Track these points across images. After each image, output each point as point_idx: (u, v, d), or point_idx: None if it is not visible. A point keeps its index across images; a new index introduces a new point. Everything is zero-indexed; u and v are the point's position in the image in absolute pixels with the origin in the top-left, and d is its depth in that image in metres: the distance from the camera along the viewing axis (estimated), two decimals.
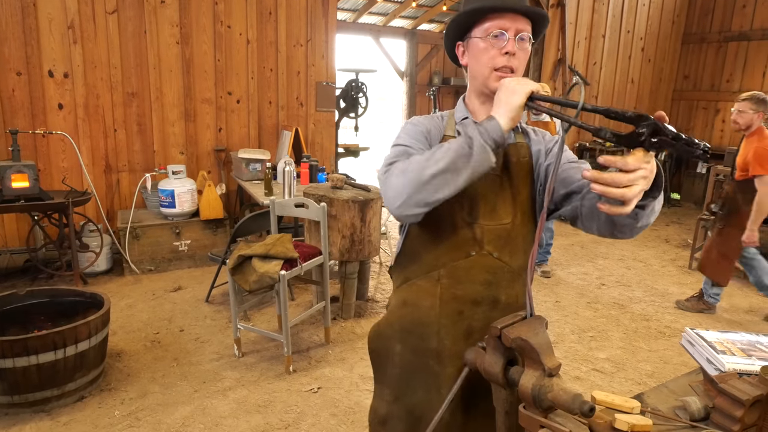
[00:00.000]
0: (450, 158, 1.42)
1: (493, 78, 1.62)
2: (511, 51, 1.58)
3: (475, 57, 1.65)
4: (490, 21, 1.59)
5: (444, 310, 1.71)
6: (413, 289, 1.77)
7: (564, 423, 1.28)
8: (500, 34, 1.58)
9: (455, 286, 1.70)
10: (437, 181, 1.43)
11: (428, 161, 1.45)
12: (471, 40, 1.66)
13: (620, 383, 4.00)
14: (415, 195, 1.45)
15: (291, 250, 3.96)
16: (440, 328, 1.73)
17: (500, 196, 1.68)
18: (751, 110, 4.71)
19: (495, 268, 1.69)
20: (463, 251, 1.68)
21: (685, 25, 10.95)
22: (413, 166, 1.47)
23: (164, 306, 5.01)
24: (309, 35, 7.17)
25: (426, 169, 1.44)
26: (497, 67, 1.60)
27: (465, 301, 1.70)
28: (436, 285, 1.72)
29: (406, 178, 1.47)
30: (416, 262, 1.76)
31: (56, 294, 3.92)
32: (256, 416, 3.41)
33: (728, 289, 5.96)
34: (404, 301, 1.79)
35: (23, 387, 3.25)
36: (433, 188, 1.44)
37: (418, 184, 1.44)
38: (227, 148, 6.81)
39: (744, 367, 1.71)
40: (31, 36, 5.55)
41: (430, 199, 1.45)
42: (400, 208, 1.49)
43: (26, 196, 4.94)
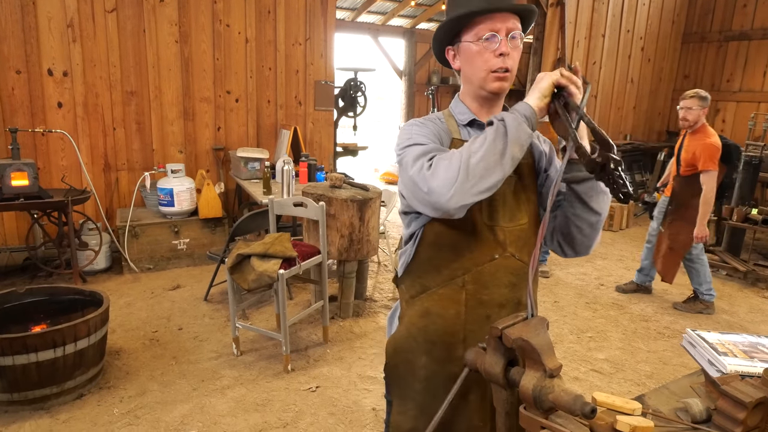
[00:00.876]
0: (490, 141, 1.43)
1: (490, 80, 1.62)
2: (505, 52, 1.58)
3: (469, 61, 1.64)
4: (480, 24, 1.58)
5: (470, 316, 1.69)
6: (435, 298, 1.71)
7: (565, 424, 1.28)
8: (492, 36, 1.58)
9: (481, 291, 1.67)
10: (485, 164, 1.42)
11: (470, 150, 1.44)
12: (462, 45, 1.65)
13: (619, 384, 4.01)
14: (465, 184, 1.42)
15: (290, 249, 3.98)
16: (467, 335, 1.70)
17: (516, 197, 1.69)
18: (697, 107, 4.86)
19: (518, 269, 1.69)
20: (488, 255, 1.66)
21: (686, 25, 10.94)
22: (456, 157, 1.45)
23: (163, 304, 5.03)
24: (308, 34, 7.17)
25: (471, 157, 1.42)
26: (493, 69, 1.60)
27: (492, 305, 1.68)
28: (460, 291, 1.68)
29: (453, 169, 1.43)
30: (435, 270, 1.71)
31: (55, 292, 3.93)
32: (255, 415, 3.43)
33: (729, 290, 6.04)
34: (426, 311, 1.73)
35: (23, 385, 3.27)
36: (482, 174, 1.42)
37: (466, 173, 1.42)
38: (226, 147, 6.82)
39: (746, 369, 1.70)
40: (31, 34, 5.56)
41: (482, 187, 1.43)
42: (453, 199, 1.44)
43: (26, 195, 4.95)
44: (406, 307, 1.79)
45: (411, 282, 1.77)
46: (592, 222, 1.66)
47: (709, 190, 4.79)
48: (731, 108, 10.24)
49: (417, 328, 1.74)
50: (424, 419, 1.76)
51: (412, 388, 1.79)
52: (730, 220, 6.45)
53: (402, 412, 1.84)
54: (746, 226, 6.38)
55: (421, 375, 1.76)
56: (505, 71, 1.60)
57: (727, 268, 6.50)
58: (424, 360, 1.75)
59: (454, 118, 1.76)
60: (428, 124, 1.71)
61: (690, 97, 4.86)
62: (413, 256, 1.75)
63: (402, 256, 1.82)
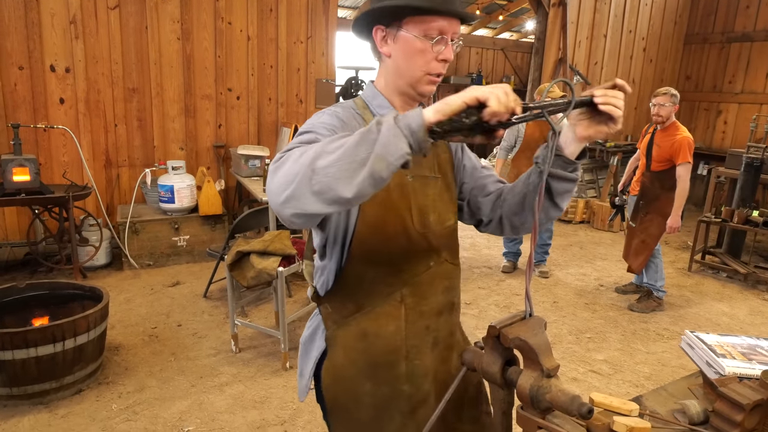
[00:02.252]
0: (351, 145, 1.10)
1: (424, 82, 1.50)
2: (448, 59, 1.48)
3: (407, 56, 1.48)
4: (432, 22, 1.43)
5: (411, 330, 1.59)
6: (371, 317, 1.57)
7: (562, 424, 1.26)
8: (441, 39, 1.45)
9: (421, 302, 1.59)
10: (335, 171, 1.09)
11: (326, 147, 1.13)
12: (402, 34, 1.47)
13: (617, 385, 4.01)
14: (304, 189, 1.12)
15: (289, 246, 4.00)
16: (408, 350, 1.60)
17: (442, 198, 1.63)
18: (670, 103, 4.94)
19: (450, 272, 1.66)
20: (424, 264, 1.57)
21: (688, 26, 10.88)
22: (309, 152, 1.14)
23: (162, 301, 5.05)
24: (309, 32, 7.18)
25: (322, 157, 1.11)
26: (431, 72, 1.49)
27: (430, 315, 1.62)
28: (399, 307, 1.56)
29: (297, 167, 1.14)
30: (367, 287, 1.55)
31: (56, 287, 3.96)
32: (253, 412, 3.45)
33: (729, 292, 6.03)
34: (364, 332, 1.58)
35: (22, 379, 3.29)
36: (327, 180, 1.10)
37: (309, 175, 1.11)
38: (227, 144, 6.84)
39: (744, 371, 1.69)
40: (34, 30, 5.58)
41: (327, 194, 1.11)
42: (285, 204, 1.18)
43: (27, 190, 4.97)
44: (336, 329, 1.61)
45: (340, 301, 1.59)
46: (551, 216, 1.62)
47: (686, 182, 4.91)
48: (733, 109, 10.18)
49: (357, 351, 1.59)
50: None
51: (356, 418, 1.63)
52: (731, 222, 6.41)
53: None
54: (747, 228, 6.35)
55: (366, 403, 1.61)
56: (438, 76, 1.50)
57: (728, 271, 6.48)
58: (368, 386, 1.60)
59: (369, 109, 1.59)
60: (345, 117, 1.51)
61: (662, 94, 4.96)
62: (339, 273, 1.57)
63: (320, 272, 1.64)
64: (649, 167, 5.14)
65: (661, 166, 5.04)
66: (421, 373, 1.62)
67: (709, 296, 5.91)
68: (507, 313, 4.92)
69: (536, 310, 5.24)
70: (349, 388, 1.61)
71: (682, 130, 4.94)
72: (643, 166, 5.24)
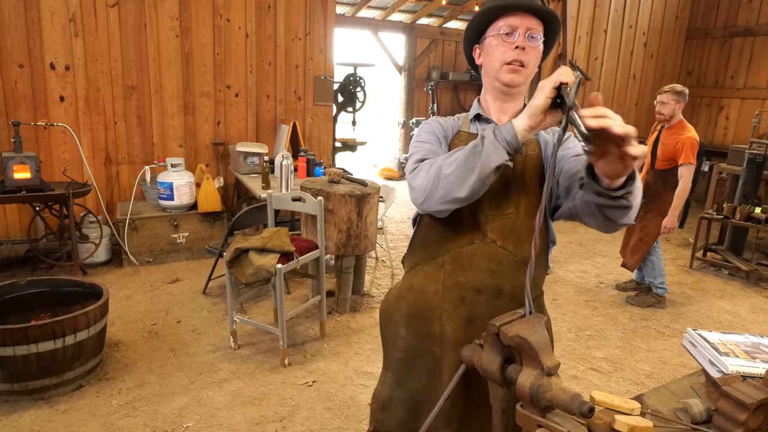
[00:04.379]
0: (463, 158, 1.49)
1: (503, 71, 1.69)
2: (520, 45, 1.65)
3: (488, 54, 1.73)
4: (502, 20, 1.67)
5: (446, 295, 1.77)
6: (420, 274, 1.84)
7: (562, 423, 1.26)
8: (511, 31, 1.66)
9: (458, 272, 1.75)
10: (453, 178, 1.50)
11: (447, 159, 1.54)
12: (486, 40, 1.74)
13: (618, 383, 4.01)
14: (435, 192, 1.55)
15: (287, 243, 4.01)
16: (442, 313, 1.78)
17: (504, 189, 1.72)
18: (672, 101, 4.93)
19: (499, 256, 1.73)
20: (467, 238, 1.75)
21: (689, 20, 10.84)
22: (436, 164, 1.57)
23: (162, 297, 5.08)
24: (308, 29, 7.19)
25: (444, 168, 1.53)
26: (507, 60, 1.67)
27: (467, 288, 1.75)
28: (439, 271, 1.79)
29: (429, 176, 1.57)
30: (424, 249, 1.85)
31: (56, 284, 3.98)
32: (251, 408, 3.48)
33: (731, 290, 6.03)
34: (411, 285, 1.87)
35: (23, 375, 3.32)
36: (449, 186, 1.51)
37: (437, 182, 1.54)
38: (225, 141, 6.86)
39: (748, 370, 1.68)
40: (33, 28, 5.59)
41: (448, 197, 1.54)
42: (423, 204, 1.61)
43: (28, 187, 5.00)
44: (401, 282, 1.94)
45: (408, 259, 1.93)
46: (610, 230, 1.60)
47: (686, 182, 4.89)
48: (735, 105, 10.19)
49: (404, 300, 1.89)
50: (399, 390, 1.91)
51: (392, 359, 1.93)
52: (733, 218, 6.39)
53: (382, 382, 1.98)
54: (749, 225, 6.33)
55: (399, 346, 1.89)
56: (519, 65, 1.67)
57: (730, 268, 6.47)
58: (403, 332, 1.88)
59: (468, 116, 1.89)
60: (441, 121, 1.87)
61: (665, 91, 4.95)
62: (414, 236, 1.91)
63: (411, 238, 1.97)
64: (653, 165, 5.13)
65: (665, 164, 5.02)
66: (450, 341, 1.77)
67: (711, 294, 5.90)
68: None
69: None
70: (391, 330, 1.92)
71: (688, 130, 4.89)
72: (648, 163, 5.22)
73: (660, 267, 5.37)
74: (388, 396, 1.92)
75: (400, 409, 1.89)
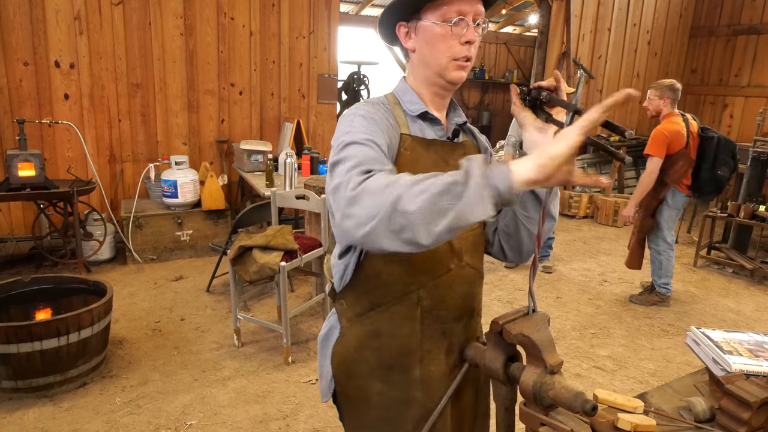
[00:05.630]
0: (435, 193, 1.07)
1: (451, 68, 1.46)
2: (471, 40, 1.44)
3: (430, 44, 1.45)
4: (447, 4, 1.41)
5: (426, 334, 1.53)
6: (386, 316, 1.52)
7: (565, 421, 1.24)
8: (460, 21, 1.41)
9: (438, 306, 1.52)
10: (415, 218, 1.07)
11: (411, 188, 1.09)
12: (422, 24, 1.45)
13: (622, 381, 4.00)
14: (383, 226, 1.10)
15: (291, 241, 4.02)
16: (423, 354, 1.54)
17: None
18: (656, 96, 4.94)
19: (472, 277, 1.58)
20: (444, 266, 1.51)
21: (693, 18, 10.80)
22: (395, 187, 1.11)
23: (166, 295, 5.09)
24: (311, 27, 7.19)
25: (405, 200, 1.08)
26: (456, 57, 1.44)
27: (447, 320, 1.55)
28: (415, 308, 1.50)
29: (380, 204, 1.11)
30: (384, 285, 1.50)
31: (60, 281, 4.00)
32: (255, 406, 3.48)
33: (735, 288, 6.01)
34: (377, 332, 1.53)
35: (27, 372, 3.33)
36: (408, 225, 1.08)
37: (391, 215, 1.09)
38: (229, 139, 6.86)
39: (751, 368, 1.67)
40: (38, 27, 5.61)
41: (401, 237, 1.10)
42: (365, 238, 1.14)
43: (32, 185, 5.02)
44: (349, 327, 1.58)
45: (355, 298, 1.56)
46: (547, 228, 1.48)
47: (647, 174, 4.87)
48: (739, 103, 10.15)
49: (369, 350, 1.55)
50: None
51: (369, 417, 1.59)
52: (737, 217, 6.37)
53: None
54: (753, 224, 6.30)
55: (376, 402, 1.57)
56: (466, 60, 1.46)
57: (734, 266, 6.44)
58: (378, 387, 1.56)
59: (401, 106, 1.55)
60: (378, 116, 1.44)
61: (651, 87, 4.99)
62: (355, 269, 1.53)
63: (337, 268, 1.58)
64: None
65: None
66: (435, 380, 1.56)
67: (715, 292, 5.88)
68: (510, 308, 4.94)
69: (540, 305, 5.32)
70: (360, 386, 1.58)
71: (665, 123, 4.88)
72: None
73: (667, 269, 5.30)
74: None
75: None
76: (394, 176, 1.16)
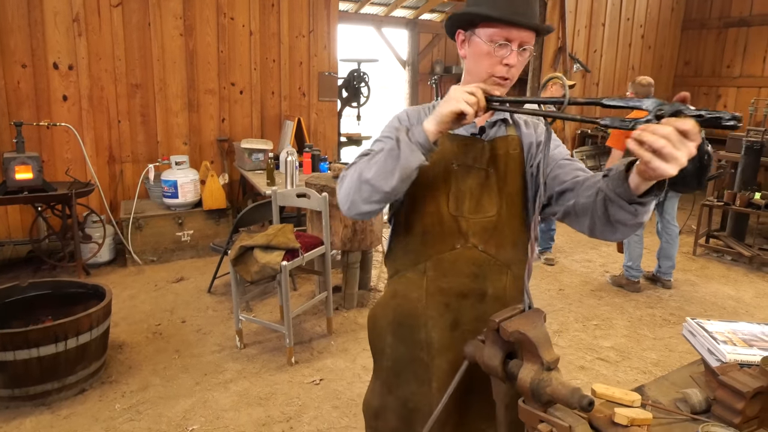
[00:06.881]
0: (382, 161, 1.49)
1: (489, 83, 1.61)
2: (511, 64, 1.59)
3: (475, 57, 1.65)
4: (498, 28, 1.57)
5: (430, 302, 1.73)
6: (402, 281, 1.79)
7: (564, 417, 1.27)
8: (504, 45, 1.58)
9: (441, 278, 1.71)
10: (374, 181, 1.50)
11: (368, 163, 1.53)
12: (474, 37, 1.64)
13: (625, 372, 3.99)
14: (357, 196, 1.55)
15: (292, 240, 3.96)
16: (427, 320, 1.74)
17: (486, 189, 1.69)
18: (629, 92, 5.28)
19: (481, 260, 1.70)
20: (449, 244, 1.70)
21: (685, 11, 11.04)
22: (354, 170, 1.57)
23: (166, 297, 5.03)
24: (311, 26, 7.17)
25: (365, 171, 1.52)
26: (495, 75, 1.61)
27: (451, 293, 1.71)
28: (422, 277, 1.74)
29: (351, 182, 1.56)
30: (405, 254, 1.78)
31: (58, 286, 3.93)
32: (258, 409, 3.42)
33: (734, 275, 6.08)
34: (395, 292, 1.82)
35: (24, 380, 3.26)
36: (370, 190, 1.51)
37: (359, 186, 1.53)
38: (230, 138, 6.82)
39: (745, 358, 1.68)
40: (37, 29, 5.56)
41: (373, 198, 1.53)
42: (350, 209, 1.60)
43: (30, 188, 4.96)
44: (385, 288, 1.90)
45: (390, 264, 1.87)
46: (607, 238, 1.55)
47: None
48: (732, 93, 10.38)
49: (389, 307, 1.83)
50: (390, 398, 1.85)
51: (381, 367, 1.88)
52: (734, 205, 6.47)
53: (372, 390, 1.94)
54: (749, 211, 6.42)
55: (387, 354, 1.85)
56: (504, 79, 1.62)
57: (732, 254, 6.53)
58: (389, 339, 1.84)
59: None
60: (413, 117, 1.78)
61: None
62: (391, 239, 1.86)
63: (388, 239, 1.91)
64: None
65: None
66: (436, 347, 1.73)
67: (715, 280, 5.93)
68: None
69: (543, 297, 5.33)
70: (378, 335, 1.87)
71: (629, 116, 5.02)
72: None
73: (632, 254, 5.45)
74: (380, 404, 1.88)
75: (393, 418, 1.85)
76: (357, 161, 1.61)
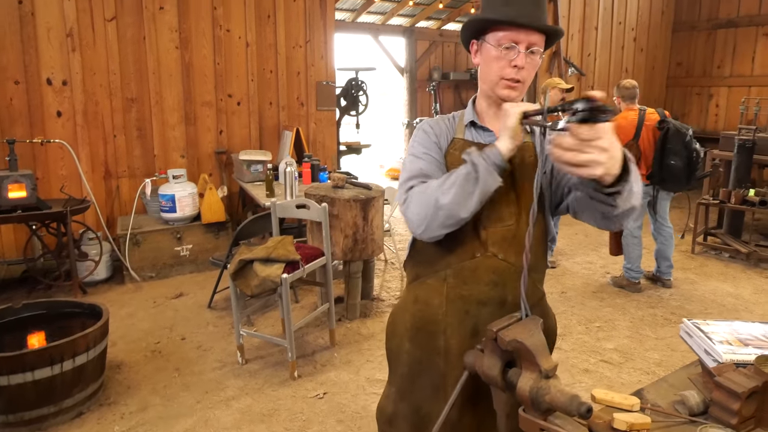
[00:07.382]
0: (460, 184, 1.53)
1: (500, 86, 1.67)
2: (519, 65, 1.62)
3: (486, 62, 1.69)
4: (505, 31, 1.62)
5: (450, 309, 1.76)
6: (423, 287, 1.82)
7: (564, 425, 1.28)
8: (512, 47, 1.61)
9: (461, 286, 1.74)
10: (453, 205, 1.54)
11: (441, 188, 1.56)
12: (484, 44, 1.69)
13: (629, 374, 3.97)
14: (434, 221, 1.58)
15: (293, 252, 3.88)
16: (447, 326, 1.77)
17: (504, 199, 1.70)
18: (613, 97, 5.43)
19: (501, 269, 1.72)
20: (469, 252, 1.72)
21: (675, 14, 11.39)
22: (429, 192, 1.59)
23: (165, 314, 4.92)
24: (308, 36, 7.14)
25: (441, 197, 1.55)
26: (505, 77, 1.65)
27: (471, 301, 1.74)
28: (443, 284, 1.77)
29: (425, 206, 1.59)
30: (426, 261, 1.82)
31: (53, 306, 3.83)
32: (261, 426, 3.32)
33: (732, 272, 6.14)
34: (416, 297, 1.85)
35: (19, 405, 3.15)
36: (448, 213, 1.55)
37: (436, 211, 1.56)
38: (228, 149, 6.75)
39: (741, 358, 1.68)
40: (30, 44, 5.50)
41: (448, 222, 1.57)
42: (424, 233, 1.63)
43: (23, 206, 4.86)
44: (406, 291, 1.93)
45: (410, 269, 1.92)
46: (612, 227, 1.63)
47: None
48: (723, 93, 10.75)
49: (409, 313, 1.86)
50: (404, 405, 1.88)
51: (396, 373, 1.92)
52: (729, 202, 6.56)
53: (386, 396, 1.97)
54: (744, 208, 6.50)
55: (404, 360, 1.88)
56: (516, 81, 1.65)
57: (730, 251, 6.60)
58: (407, 346, 1.86)
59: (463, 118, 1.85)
60: (435, 127, 1.82)
61: None
62: (412, 244, 1.89)
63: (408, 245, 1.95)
64: None
65: None
66: (455, 354, 1.76)
67: (714, 277, 5.97)
68: None
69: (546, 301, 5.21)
70: (397, 343, 1.91)
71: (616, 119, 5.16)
72: None
73: (630, 256, 5.49)
74: (393, 411, 1.91)
75: (405, 424, 1.87)
76: (425, 185, 1.64)
